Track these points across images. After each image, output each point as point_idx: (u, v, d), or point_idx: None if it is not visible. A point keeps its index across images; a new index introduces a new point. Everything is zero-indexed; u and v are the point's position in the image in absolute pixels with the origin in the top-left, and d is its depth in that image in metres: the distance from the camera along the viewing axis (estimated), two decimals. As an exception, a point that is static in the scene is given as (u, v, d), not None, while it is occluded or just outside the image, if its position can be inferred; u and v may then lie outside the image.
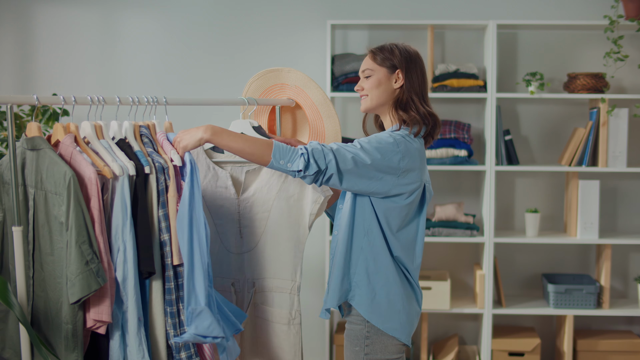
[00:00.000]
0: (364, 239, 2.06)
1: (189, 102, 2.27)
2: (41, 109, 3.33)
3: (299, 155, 1.95)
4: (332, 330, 3.77)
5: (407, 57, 2.12)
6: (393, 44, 2.15)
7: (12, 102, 1.82)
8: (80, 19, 3.84)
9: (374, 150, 1.99)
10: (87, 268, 1.75)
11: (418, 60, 2.14)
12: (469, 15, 3.76)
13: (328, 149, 1.97)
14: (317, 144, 1.99)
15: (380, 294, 2.07)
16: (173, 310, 1.95)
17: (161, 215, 1.92)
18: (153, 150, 2.00)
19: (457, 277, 3.90)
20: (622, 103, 3.64)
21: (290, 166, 1.95)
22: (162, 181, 1.93)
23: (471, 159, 3.60)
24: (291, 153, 1.95)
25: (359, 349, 2.08)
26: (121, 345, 1.90)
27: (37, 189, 1.87)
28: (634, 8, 3.46)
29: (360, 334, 2.08)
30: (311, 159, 1.94)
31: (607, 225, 3.80)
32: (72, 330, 1.81)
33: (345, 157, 1.97)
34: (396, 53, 2.12)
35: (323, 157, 1.95)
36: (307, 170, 1.95)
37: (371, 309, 2.07)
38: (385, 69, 2.11)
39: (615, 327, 3.87)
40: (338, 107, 3.81)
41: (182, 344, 1.95)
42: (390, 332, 2.07)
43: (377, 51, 2.14)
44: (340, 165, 1.96)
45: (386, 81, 2.11)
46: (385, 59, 2.11)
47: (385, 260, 2.06)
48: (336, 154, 1.96)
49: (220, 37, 3.83)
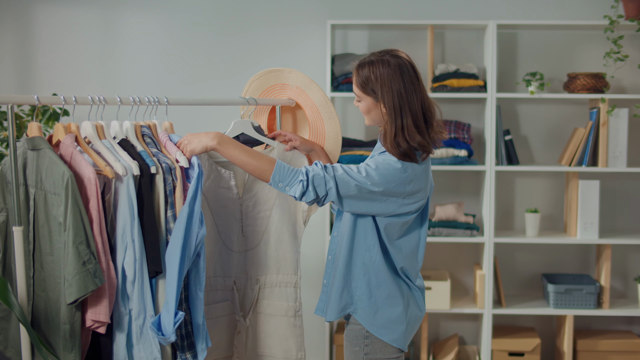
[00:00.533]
0: (366, 254, 2.06)
1: (189, 102, 2.27)
2: (41, 109, 3.33)
3: (298, 181, 1.94)
4: (332, 330, 3.77)
5: (384, 80, 1.97)
6: (374, 60, 2.00)
7: (13, 102, 1.82)
8: (80, 19, 3.84)
9: (380, 178, 1.96)
10: (84, 268, 1.75)
11: (401, 76, 1.97)
12: (469, 15, 3.76)
13: (330, 176, 1.95)
14: (321, 168, 1.96)
15: (382, 307, 2.07)
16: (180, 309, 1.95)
17: (170, 216, 1.93)
18: (158, 151, 2.00)
19: (457, 277, 3.90)
20: (622, 103, 3.64)
21: (288, 190, 1.96)
22: (170, 182, 1.93)
23: (471, 159, 3.60)
24: (291, 176, 1.95)
25: (359, 349, 2.09)
26: (127, 344, 1.90)
27: (37, 189, 1.87)
28: (634, 8, 3.46)
29: (360, 334, 2.09)
30: (310, 185, 1.94)
31: (607, 225, 3.80)
32: (69, 331, 1.81)
33: (349, 185, 1.95)
34: (371, 80, 1.98)
35: (324, 184, 1.94)
36: (304, 197, 1.95)
37: (373, 321, 2.08)
38: (370, 98, 2.02)
39: (615, 327, 3.87)
40: (338, 107, 3.81)
41: (187, 344, 1.96)
42: (390, 343, 2.08)
43: (357, 74, 2.03)
44: (342, 191, 1.95)
45: (374, 108, 2.04)
46: (365, 87, 2.01)
47: (386, 274, 2.06)
48: (338, 182, 1.95)
49: (220, 37, 3.83)
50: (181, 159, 1.97)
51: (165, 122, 2.15)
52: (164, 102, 2.13)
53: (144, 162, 1.91)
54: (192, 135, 2.02)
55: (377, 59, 2.00)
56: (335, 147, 2.41)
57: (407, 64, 1.99)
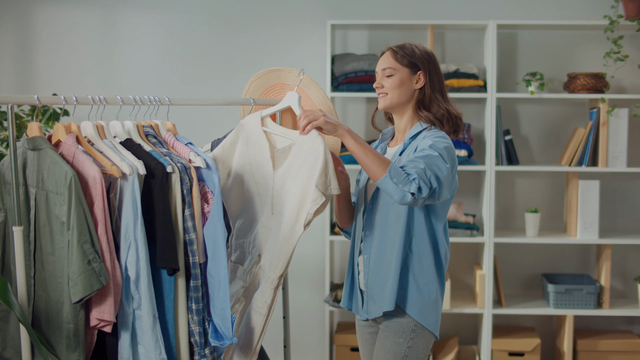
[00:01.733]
0: (414, 241, 2.09)
1: (189, 102, 2.27)
2: (41, 109, 3.33)
3: (412, 179, 1.92)
4: (332, 330, 3.77)
5: (428, 58, 2.14)
6: (412, 44, 2.16)
7: (13, 102, 1.82)
8: (80, 19, 3.84)
9: (446, 154, 2.00)
10: (89, 267, 1.75)
11: (436, 61, 2.17)
12: (469, 15, 3.76)
13: (422, 167, 1.94)
14: (413, 165, 1.94)
15: (424, 292, 2.11)
16: (199, 307, 1.96)
17: (187, 214, 1.93)
18: (168, 151, 2.01)
19: (457, 277, 3.90)
20: (622, 103, 3.64)
21: (401, 187, 1.92)
22: (187, 181, 1.94)
23: (471, 159, 3.60)
24: (403, 176, 1.93)
25: (403, 341, 2.11)
26: (131, 343, 1.90)
27: (38, 189, 1.87)
28: (634, 8, 3.46)
29: (408, 327, 2.11)
30: (421, 182, 1.92)
31: (607, 225, 3.80)
32: (73, 330, 1.81)
33: (438, 165, 1.96)
34: (417, 53, 2.14)
35: (432, 173, 1.94)
36: (421, 191, 1.92)
37: (418, 307, 2.10)
38: (408, 69, 2.13)
39: (615, 327, 3.87)
40: (338, 107, 3.81)
41: (205, 341, 1.98)
42: (430, 328, 2.12)
43: (399, 50, 2.15)
44: (442, 178, 1.96)
45: (408, 81, 2.13)
46: (407, 59, 2.13)
47: (429, 258, 2.10)
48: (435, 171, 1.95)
49: (220, 37, 3.83)
50: (196, 159, 1.99)
51: (167, 122, 2.15)
52: (165, 102, 2.13)
53: (157, 161, 1.91)
54: (326, 114, 2.05)
55: (413, 43, 2.17)
56: (335, 147, 2.41)
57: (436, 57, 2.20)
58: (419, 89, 2.14)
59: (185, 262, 1.95)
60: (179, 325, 1.95)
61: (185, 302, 1.95)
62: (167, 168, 1.90)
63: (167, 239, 1.88)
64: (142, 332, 1.89)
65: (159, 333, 1.89)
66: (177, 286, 1.93)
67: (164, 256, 1.87)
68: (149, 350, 1.88)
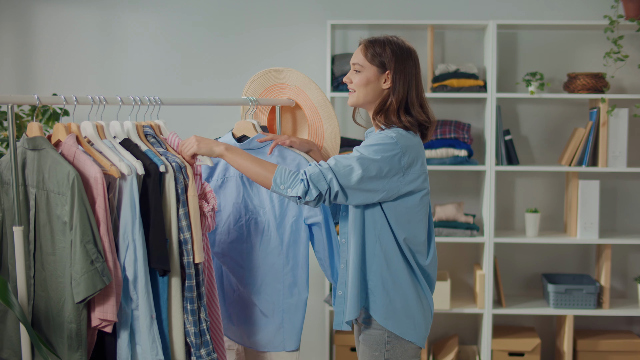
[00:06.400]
0: (376, 244, 2.02)
1: (189, 102, 2.27)
2: (41, 109, 3.33)
3: (299, 180, 1.91)
4: (332, 330, 3.77)
5: (399, 56, 2.02)
6: (387, 39, 2.05)
7: (13, 102, 1.81)
8: (80, 19, 3.84)
9: (374, 154, 1.93)
10: (92, 267, 1.75)
11: (410, 60, 2.04)
12: (469, 15, 3.76)
13: (325, 168, 1.92)
14: (315, 165, 1.94)
15: (395, 299, 2.03)
16: (194, 307, 1.95)
17: (182, 214, 1.93)
18: (165, 150, 2.01)
19: (457, 277, 3.90)
20: (622, 103, 3.64)
21: (290, 191, 1.92)
22: (181, 180, 1.94)
23: (471, 159, 3.60)
24: (292, 178, 1.92)
25: (379, 354, 2.04)
26: (129, 343, 1.90)
27: (38, 189, 1.87)
28: (634, 8, 3.46)
29: (381, 339, 2.04)
30: (310, 184, 1.90)
31: (607, 225, 3.80)
32: (76, 330, 1.81)
33: (346, 169, 1.92)
34: (387, 51, 2.02)
35: (322, 178, 1.91)
36: (307, 195, 1.91)
37: (387, 315, 2.03)
38: (375, 68, 2.03)
39: (615, 327, 3.87)
40: (338, 107, 3.82)
41: (201, 342, 1.97)
42: (407, 337, 2.04)
43: (369, 45, 2.05)
44: (342, 180, 1.91)
45: (375, 80, 2.04)
46: (375, 56, 2.03)
47: (398, 264, 2.03)
48: (335, 170, 1.92)
49: (220, 37, 3.83)
50: (203, 157, 2.03)
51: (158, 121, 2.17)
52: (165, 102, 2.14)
53: (151, 161, 1.91)
54: (200, 138, 2.02)
55: (390, 38, 2.06)
56: (334, 147, 2.41)
57: (416, 54, 2.08)
58: (387, 89, 2.04)
59: (179, 262, 1.95)
60: (173, 326, 1.94)
61: (180, 302, 1.94)
62: (160, 168, 1.90)
63: (158, 240, 1.88)
64: (140, 333, 1.89)
65: (156, 333, 1.88)
66: (172, 286, 1.93)
67: (154, 257, 1.87)
68: (146, 350, 1.88)
